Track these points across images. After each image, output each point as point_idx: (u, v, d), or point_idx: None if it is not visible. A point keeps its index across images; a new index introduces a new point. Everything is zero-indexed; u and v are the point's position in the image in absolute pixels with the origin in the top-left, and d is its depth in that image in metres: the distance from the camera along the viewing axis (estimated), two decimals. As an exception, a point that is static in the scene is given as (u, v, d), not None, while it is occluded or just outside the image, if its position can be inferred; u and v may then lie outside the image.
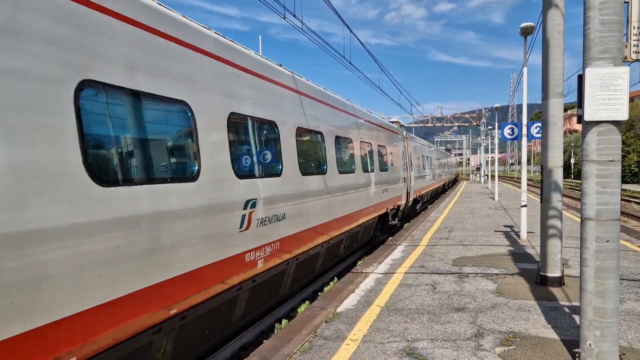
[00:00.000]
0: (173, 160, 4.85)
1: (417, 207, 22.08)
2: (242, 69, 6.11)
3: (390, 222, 15.33)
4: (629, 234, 12.84)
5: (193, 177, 4.85)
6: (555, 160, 7.30)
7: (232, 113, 5.71)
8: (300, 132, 7.99)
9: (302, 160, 7.85)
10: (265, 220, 6.31)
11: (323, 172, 8.92)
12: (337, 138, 10.00)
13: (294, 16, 9.83)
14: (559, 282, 7.39)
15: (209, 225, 5.06)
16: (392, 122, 19.84)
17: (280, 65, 7.62)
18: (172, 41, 4.70)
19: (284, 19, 9.82)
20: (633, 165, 50.70)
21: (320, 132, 9.01)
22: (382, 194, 13.93)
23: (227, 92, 5.68)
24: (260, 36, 10.36)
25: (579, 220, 4.50)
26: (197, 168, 4.93)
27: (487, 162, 55.46)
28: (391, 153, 15.77)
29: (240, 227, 5.70)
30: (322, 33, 21.86)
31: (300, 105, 8.10)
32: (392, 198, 15.44)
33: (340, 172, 9.91)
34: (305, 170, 7.97)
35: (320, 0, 10.42)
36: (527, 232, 12.20)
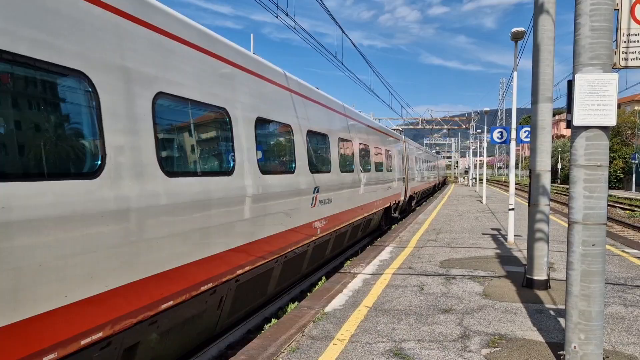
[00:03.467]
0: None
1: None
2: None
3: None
4: (614, 239, 13.00)
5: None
6: (544, 164, 7.37)
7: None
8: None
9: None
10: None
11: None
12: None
13: (287, 15, 9.82)
14: (545, 285, 7.46)
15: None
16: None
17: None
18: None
19: (277, 17, 9.80)
20: (619, 172, 51.33)
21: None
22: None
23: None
24: (252, 35, 10.32)
25: (565, 224, 4.56)
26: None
27: (475, 165, 55.85)
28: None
29: None
30: (315, 33, 21.90)
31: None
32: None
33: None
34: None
35: (314, 1, 10.42)
36: (514, 235, 12.30)
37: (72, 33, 3.63)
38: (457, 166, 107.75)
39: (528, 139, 12.27)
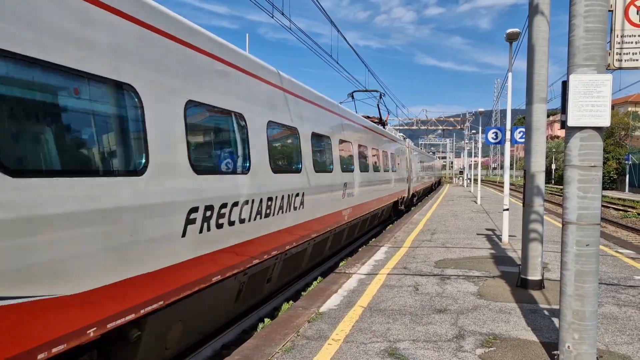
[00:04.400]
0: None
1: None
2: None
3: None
4: (608, 239, 13.07)
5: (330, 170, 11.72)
6: (538, 164, 7.40)
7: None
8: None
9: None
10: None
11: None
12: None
13: (283, 14, 9.82)
14: (539, 285, 7.49)
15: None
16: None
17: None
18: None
19: (272, 17, 9.80)
20: (612, 172, 51.63)
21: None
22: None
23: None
24: (247, 35, 10.31)
25: (559, 225, 4.58)
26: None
27: (470, 165, 56.07)
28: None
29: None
30: (311, 33, 22.02)
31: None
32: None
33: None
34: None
35: (310, 1, 10.43)
36: (509, 236, 12.34)
37: None
38: (452, 167, 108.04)
39: (522, 140, 12.31)
